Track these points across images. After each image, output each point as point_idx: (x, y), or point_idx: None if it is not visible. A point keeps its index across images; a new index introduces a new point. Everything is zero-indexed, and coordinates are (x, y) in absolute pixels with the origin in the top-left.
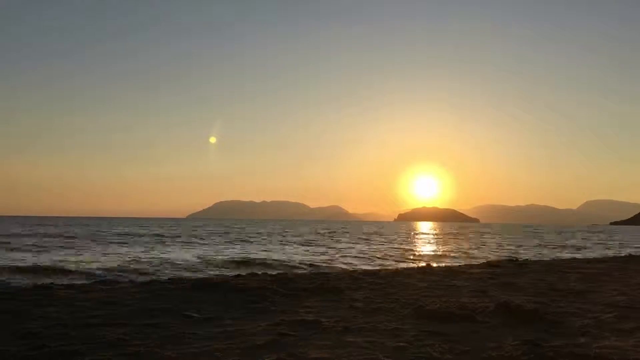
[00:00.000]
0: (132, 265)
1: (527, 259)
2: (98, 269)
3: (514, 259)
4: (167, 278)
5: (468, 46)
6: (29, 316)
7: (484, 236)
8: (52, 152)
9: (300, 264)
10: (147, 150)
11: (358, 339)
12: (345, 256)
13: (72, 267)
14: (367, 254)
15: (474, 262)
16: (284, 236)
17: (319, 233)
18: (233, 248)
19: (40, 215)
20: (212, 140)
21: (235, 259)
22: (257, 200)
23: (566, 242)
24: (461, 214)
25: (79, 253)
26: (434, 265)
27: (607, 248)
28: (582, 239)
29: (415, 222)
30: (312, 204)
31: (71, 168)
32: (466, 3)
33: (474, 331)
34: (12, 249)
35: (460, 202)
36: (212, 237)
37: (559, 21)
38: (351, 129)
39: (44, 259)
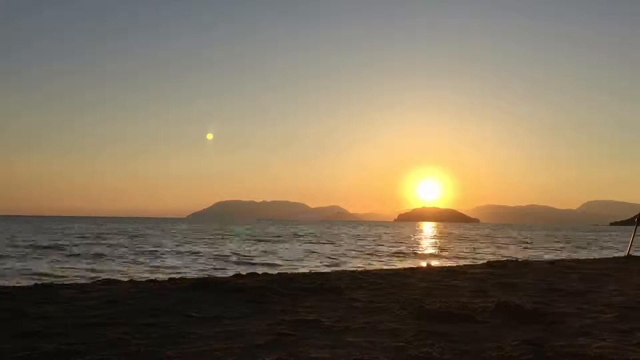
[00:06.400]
0: None
1: (527, 259)
2: None
3: (514, 259)
4: (167, 278)
5: (469, 46)
6: (29, 316)
7: (484, 236)
8: (51, 152)
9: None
10: (147, 150)
11: (358, 339)
12: (346, 255)
13: None
14: (367, 254)
15: (474, 262)
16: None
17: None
18: None
19: (36, 215)
20: (210, 136)
21: None
22: (257, 200)
23: (566, 242)
24: (461, 214)
25: None
26: (434, 265)
27: (606, 248)
28: (582, 239)
29: (415, 222)
30: (312, 204)
31: (69, 167)
32: (467, 1)
33: (474, 331)
34: None
35: (461, 202)
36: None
37: (559, 19)
38: (351, 129)
39: None
